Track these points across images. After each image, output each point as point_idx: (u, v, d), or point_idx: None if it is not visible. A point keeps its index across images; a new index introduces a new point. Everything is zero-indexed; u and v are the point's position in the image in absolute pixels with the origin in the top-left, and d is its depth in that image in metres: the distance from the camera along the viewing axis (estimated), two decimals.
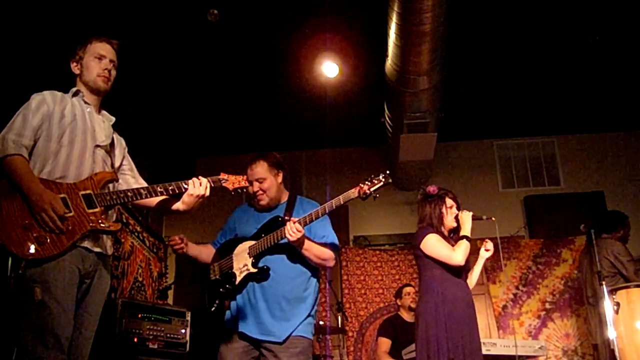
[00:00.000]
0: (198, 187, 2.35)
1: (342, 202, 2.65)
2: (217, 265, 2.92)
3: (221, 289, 2.82)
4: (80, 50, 2.45)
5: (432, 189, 3.52)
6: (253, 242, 2.81)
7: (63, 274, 2.10)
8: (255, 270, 2.76)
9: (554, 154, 7.09)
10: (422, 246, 3.37)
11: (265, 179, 2.90)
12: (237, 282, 2.78)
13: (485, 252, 3.55)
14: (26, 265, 2.00)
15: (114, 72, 2.47)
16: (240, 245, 2.87)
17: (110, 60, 2.46)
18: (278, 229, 2.74)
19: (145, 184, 2.52)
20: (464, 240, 3.32)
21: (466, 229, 3.37)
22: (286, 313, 2.76)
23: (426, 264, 3.37)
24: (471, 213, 3.43)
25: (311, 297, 2.89)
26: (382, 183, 2.61)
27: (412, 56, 4.54)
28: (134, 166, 2.61)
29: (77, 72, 2.45)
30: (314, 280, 2.93)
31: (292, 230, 2.64)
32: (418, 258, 3.46)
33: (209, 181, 2.39)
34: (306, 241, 2.74)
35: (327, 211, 2.68)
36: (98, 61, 2.43)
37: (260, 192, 2.88)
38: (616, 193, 6.74)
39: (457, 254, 3.27)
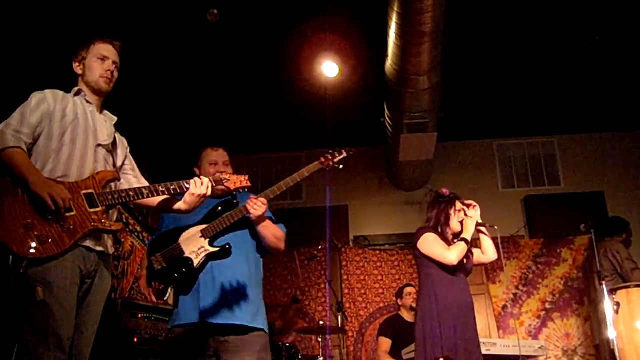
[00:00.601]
0: (200, 186, 2.36)
1: (306, 175, 2.68)
2: (159, 255, 2.73)
3: (176, 274, 2.68)
4: (83, 50, 2.45)
5: (445, 191, 3.56)
6: (204, 226, 2.72)
7: (65, 273, 2.09)
8: (215, 249, 2.66)
9: (554, 154, 7.10)
10: (418, 245, 3.41)
11: (229, 165, 2.95)
12: (196, 265, 2.66)
13: (471, 211, 3.43)
14: (28, 265, 2.00)
15: (116, 74, 2.48)
16: (185, 233, 2.75)
17: (113, 62, 2.46)
18: (237, 208, 2.70)
19: (147, 184, 2.52)
20: (462, 242, 3.35)
21: (467, 233, 3.39)
22: (245, 296, 2.71)
23: (423, 263, 3.41)
24: (476, 220, 3.45)
25: (261, 282, 2.89)
26: (344, 155, 2.73)
27: (412, 56, 4.54)
28: (135, 166, 2.61)
29: (80, 72, 2.45)
30: (261, 264, 2.92)
31: (256, 205, 2.63)
32: (416, 258, 3.50)
33: (210, 181, 2.40)
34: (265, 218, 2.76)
35: (291, 184, 2.70)
36: (101, 62, 2.43)
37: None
38: (616, 193, 6.74)
39: (451, 253, 3.29)
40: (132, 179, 2.54)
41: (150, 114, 5.91)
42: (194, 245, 2.70)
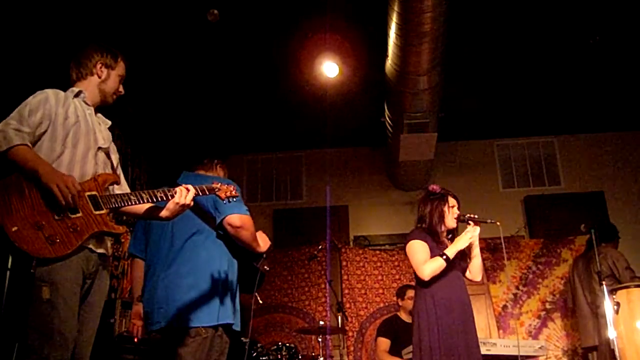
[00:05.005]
0: (184, 196, 2.34)
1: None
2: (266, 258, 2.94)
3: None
4: (112, 59, 2.49)
5: (435, 187, 3.44)
6: None
7: (70, 274, 2.10)
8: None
9: (554, 154, 7.10)
10: (406, 250, 3.38)
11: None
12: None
13: (472, 229, 3.29)
14: (35, 264, 2.01)
15: None
16: None
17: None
18: None
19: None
20: (440, 258, 3.18)
21: (452, 250, 3.22)
22: None
23: None
24: (471, 237, 3.26)
25: None
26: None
27: (412, 56, 4.54)
28: (122, 176, 2.60)
29: (102, 77, 2.46)
30: None
31: None
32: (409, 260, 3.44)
33: (200, 189, 2.39)
34: None
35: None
36: (118, 81, 2.51)
37: None
38: (616, 193, 6.75)
39: (424, 268, 3.19)
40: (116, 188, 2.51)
41: (150, 115, 5.91)
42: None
